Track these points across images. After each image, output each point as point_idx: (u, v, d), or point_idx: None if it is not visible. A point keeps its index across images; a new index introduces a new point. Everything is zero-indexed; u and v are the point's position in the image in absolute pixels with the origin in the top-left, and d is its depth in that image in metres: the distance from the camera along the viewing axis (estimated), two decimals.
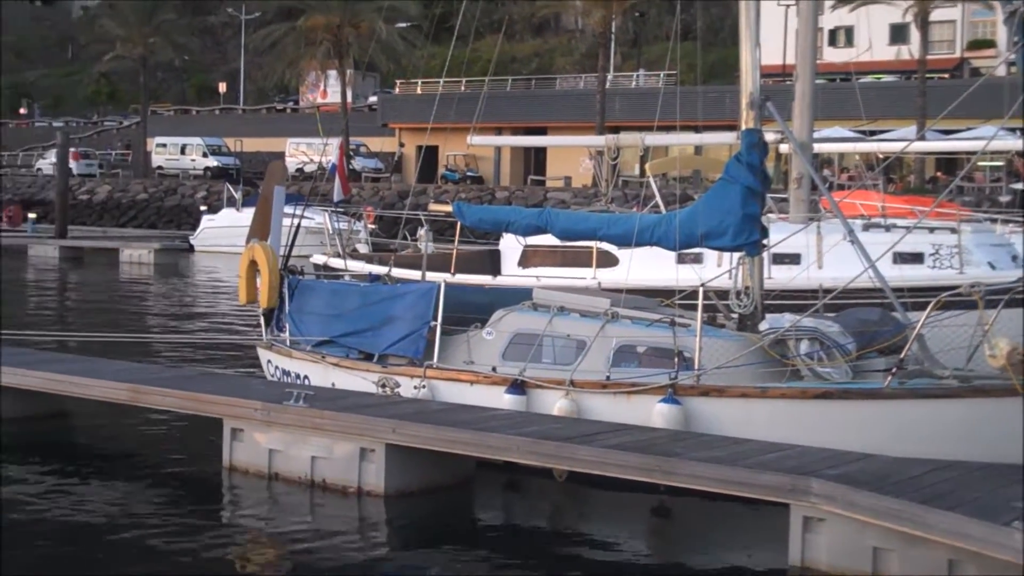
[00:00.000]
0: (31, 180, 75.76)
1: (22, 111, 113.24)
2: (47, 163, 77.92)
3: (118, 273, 42.47)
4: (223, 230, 47.45)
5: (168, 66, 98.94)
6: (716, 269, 16.66)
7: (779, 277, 18.01)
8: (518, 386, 12.77)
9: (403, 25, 69.18)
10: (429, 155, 61.88)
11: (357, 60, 70.07)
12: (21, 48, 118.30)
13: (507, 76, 75.34)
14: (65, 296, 35.42)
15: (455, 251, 23.94)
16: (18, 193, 70.91)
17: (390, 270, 18.43)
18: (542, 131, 62.45)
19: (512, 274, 23.51)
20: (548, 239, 16.51)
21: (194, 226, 56.13)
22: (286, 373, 15.01)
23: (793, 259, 19.83)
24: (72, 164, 74.79)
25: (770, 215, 20.41)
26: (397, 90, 77.98)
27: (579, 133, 55.50)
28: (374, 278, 16.90)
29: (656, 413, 11.99)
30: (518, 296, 14.35)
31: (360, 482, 11.58)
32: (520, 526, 11.60)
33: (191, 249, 50.84)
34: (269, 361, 15.60)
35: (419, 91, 73.01)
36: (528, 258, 23.85)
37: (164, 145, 79.06)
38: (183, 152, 77.54)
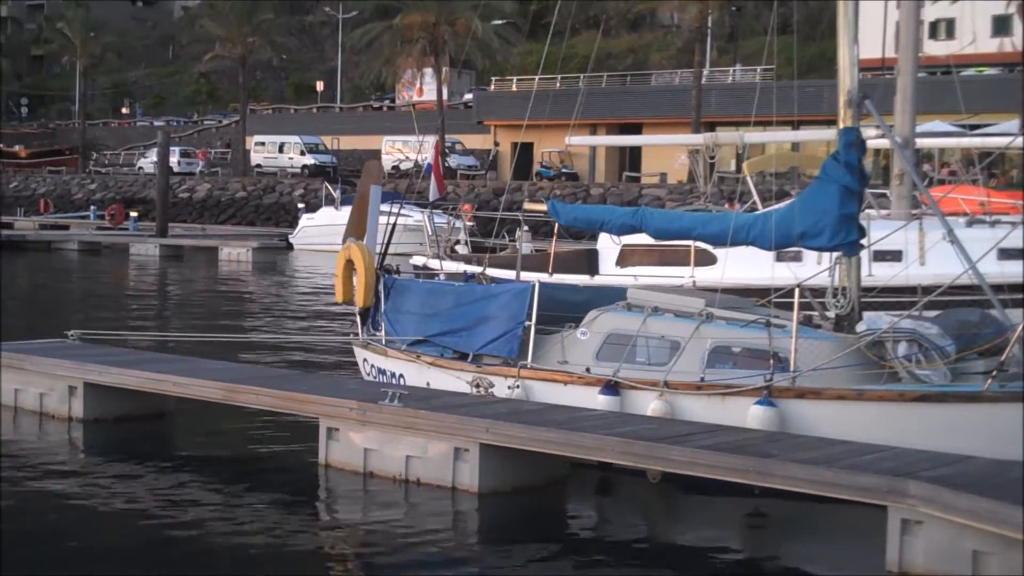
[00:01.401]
0: (133, 179, 77.02)
1: (124, 111, 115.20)
2: (148, 162, 79.23)
3: (217, 271, 43.05)
4: (322, 228, 47.91)
5: (267, 65, 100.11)
6: (816, 267, 16.46)
7: (880, 274, 17.74)
8: (612, 387, 12.72)
9: (499, 22, 69.32)
10: (524, 152, 62.02)
11: (453, 58, 70.31)
12: (123, 48, 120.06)
13: (602, 72, 75.15)
14: (165, 294, 35.95)
15: (552, 251, 23.92)
16: (120, 192, 72.12)
17: (484, 269, 18.46)
18: (637, 127, 62.27)
19: (610, 273, 23.45)
20: (645, 238, 16.43)
21: (292, 224, 56.72)
22: (381, 372, 15.11)
23: (895, 256, 19.53)
24: (200, 163, 76.12)
25: (870, 211, 20.15)
26: (492, 87, 78.13)
27: (674, 129, 55.26)
28: (469, 277, 16.95)
29: (751, 415, 11.88)
30: (612, 296, 14.31)
31: (454, 481, 11.61)
32: (613, 527, 11.55)
33: (290, 247, 51.39)
34: (365, 360, 15.71)
35: (514, 88, 73.12)
36: (625, 257, 23.78)
37: (263, 143, 79.97)
38: (281, 150, 78.39)
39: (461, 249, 29.34)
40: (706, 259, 21.63)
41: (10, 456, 13.18)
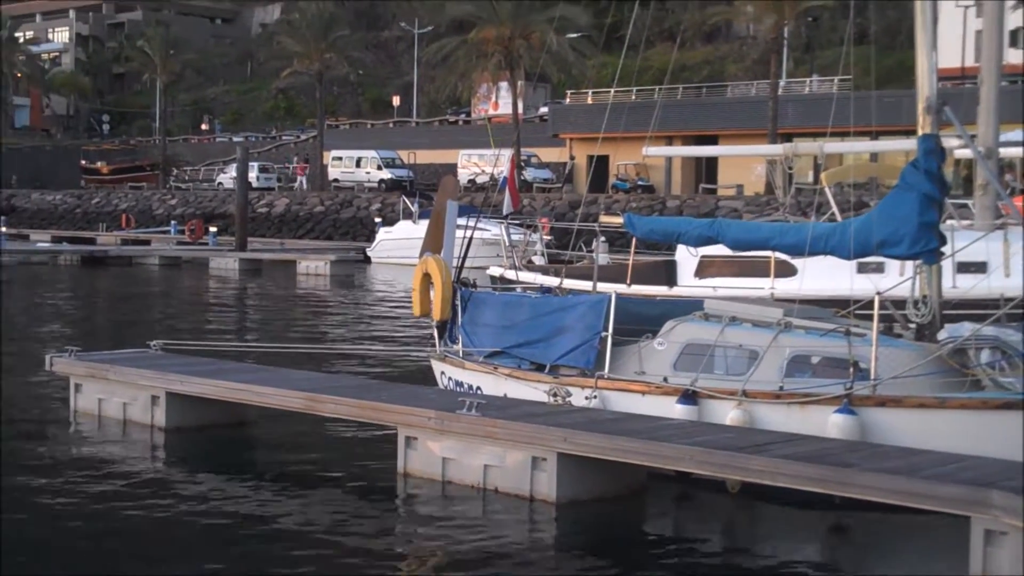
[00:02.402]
0: (212, 194, 77.88)
1: (203, 127, 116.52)
2: (227, 177, 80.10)
3: (295, 284, 43.40)
4: (399, 242, 48.19)
5: (343, 81, 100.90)
6: (897, 278, 16.30)
7: (964, 286, 17.52)
8: (690, 396, 12.68)
9: (574, 35, 69.34)
10: (599, 165, 61.98)
11: (528, 71, 70.49)
12: (202, 65, 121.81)
13: (678, 84, 74.97)
14: (244, 307, 36.30)
15: (631, 262, 23.88)
16: (200, 207, 72.97)
17: (561, 282, 18.48)
18: (713, 139, 62.03)
19: (688, 284, 23.36)
20: (724, 249, 16.37)
21: (369, 238, 57.09)
22: (459, 384, 15.16)
23: (979, 268, 19.27)
24: (299, 178, 76.86)
25: (951, 222, 19.91)
26: (568, 100, 78.17)
27: (751, 140, 55.01)
28: (546, 290, 16.98)
29: (831, 424, 11.79)
30: (689, 308, 14.26)
31: (532, 490, 11.62)
32: (691, 538, 11.50)
33: (367, 260, 51.70)
34: (442, 372, 15.77)
35: (589, 101, 73.09)
36: (704, 268, 23.69)
37: (340, 158, 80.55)
38: (358, 165, 78.92)
39: (537, 261, 29.34)
40: (786, 270, 21.49)
41: (93, 464, 13.39)
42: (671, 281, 24.05)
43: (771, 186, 48.95)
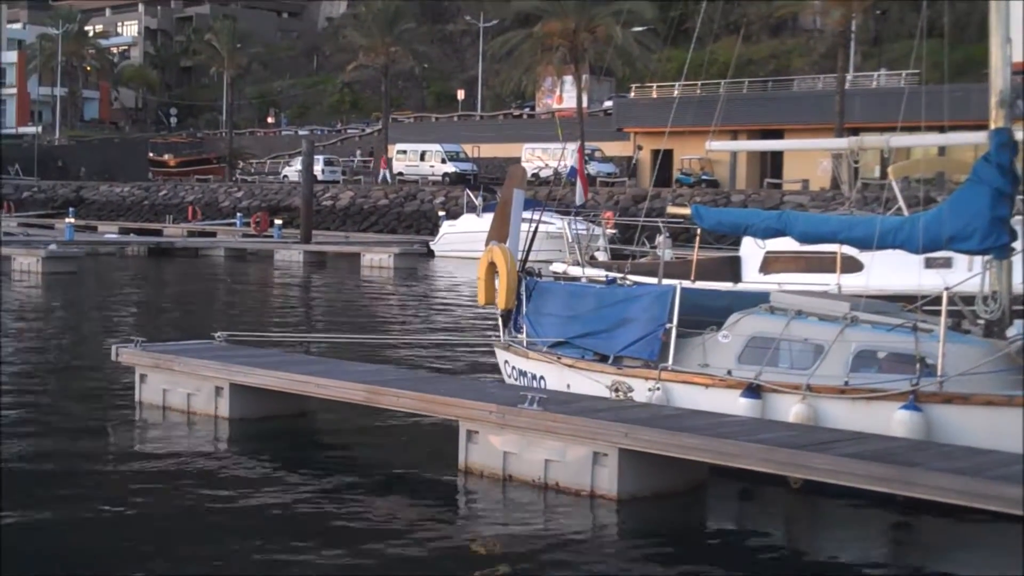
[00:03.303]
0: (278, 187, 78.38)
1: (270, 120, 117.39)
2: (293, 170, 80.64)
3: (359, 277, 43.58)
4: (463, 235, 48.26)
5: (408, 74, 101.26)
6: (965, 273, 16.06)
7: None
8: (754, 390, 12.58)
9: (639, 29, 69.13)
10: (664, 159, 61.71)
11: (593, 65, 70.36)
12: (269, 59, 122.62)
13: (744, 78, 74.51)
14: (308, 299, 36.50)
15: (695, 257, 23.74)
16: (265, 200, 73.47)
17: (625, 277, 18.39)
18: (779, 134, 61.59)
19: (753, 280, 23.18)
20: (789, 244, 16.23)
21: (432, 231, 57.25)
22: (522, 373, 15.15)
23: None
24: (382, 171, 77.29)
25: (1019, 217, 19.59)
26: (632, 94, 77.93)
27: (817, 135, 54.47)
28: (611, 280, 16.93)
29: (896, 420, 11.65)
30: (754, 300, 14.15)
31: (593, 486, 11.56)
32: (752, 535, 11.39)
33: (430, 254, 51.81)
34: (506, 361, 15.77)
35: (654, 95, 72.82)
36: (769, 264, 23.49)
37: (404, 152, 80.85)
38: (422, 158, 79.16)
39: (600, 256, 29.23)
40: (852, 266, 21.26)
41: (157, 454, 13.50)
42: (736, 277, 23.89)
43: (836, 181, 48.56)
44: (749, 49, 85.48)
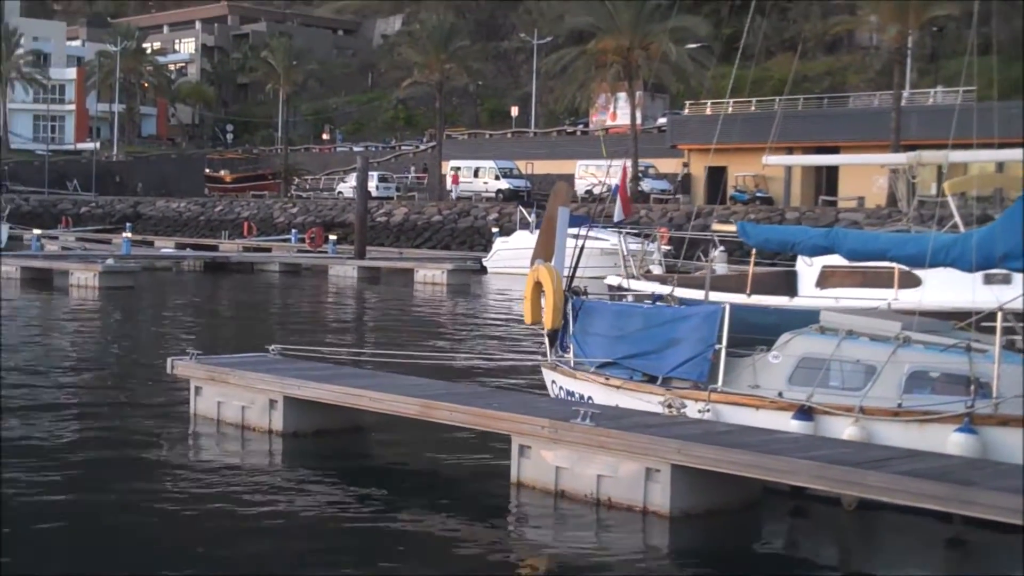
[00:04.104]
0: (332, 203, 78.77)
1: (325, 136, 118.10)
2: (347, 186, 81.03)
3: (412, 292, 43.72)
4: (516, 252, 48.27)
5: (462, 91, 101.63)
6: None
7: None
8: (805, 412, 12.51)
9: (693, 46, 69.02)
10: (716, 175, 61.55)
11: (646, 81, 70.28)
12: (324, 76, 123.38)
13: (798, 95, 74.20)
14: (362, 314, 36.67)
15: (751, 272, 23.67)
16: (320, 216, 73.86)
17: (672, 290, 18.35)
18: (834, 150, 61.19)
19: (809, 295, 23.07)
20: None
21: (486, 248, 57.32)
22: (570, 394, 15.09)
23: None
24: (452, 187, 77.53)
25: None
26: (686, 111, 77.80)
27: (872, 152, 54.15)
28: (657, 298, 16.86)
29: (951, 443, 11.53)
30: (805, 319, 14.05)
31: (645, 502, 11.55)
32: (806, 554, 11.35)
33: (483, 270, 51.89)
34: (553, 381, 15.72)
35: (708, 111, 72.66)
36: (826, 279, 23.38)
37: (458, 168, 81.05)
38: (476, 175, 79.35)
39: (655, 270, 29.22)
40: (910, 281, 21.11)
41: (212, 466, 13.61)
42: (792, 291, 23.78)
43: (893, 198, 48.23)
44: (804, 66, 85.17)
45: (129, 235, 60.78)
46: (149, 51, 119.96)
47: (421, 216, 70.70)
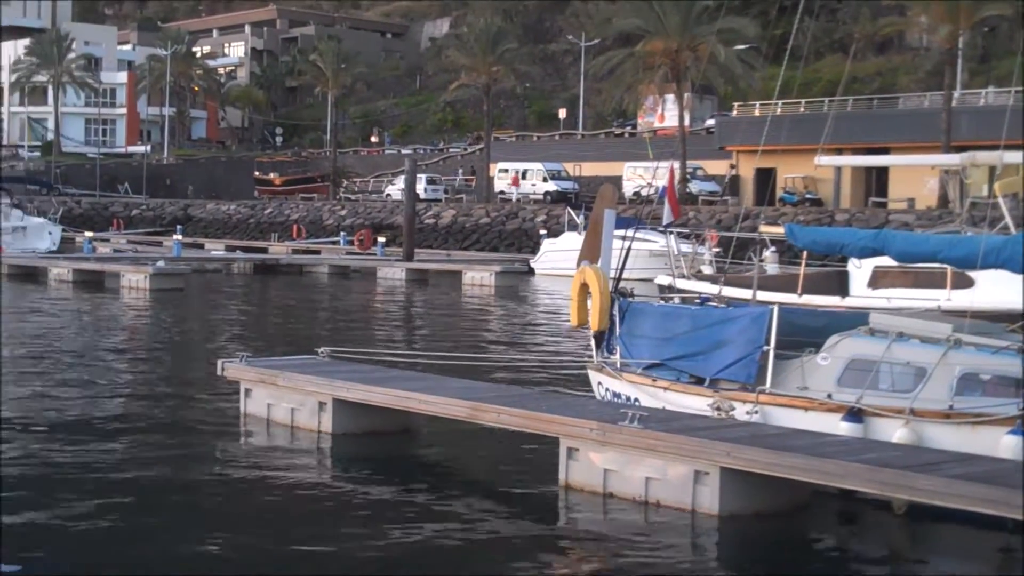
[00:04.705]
0: (381, 205, 79.03)
1: (373, 139, 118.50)
2: (396, 189, 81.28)
3: (460, 294, 43.79)
4: (564, 254, 48.20)
5: (510, 93, 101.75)
6: None
7: None
8: (855, 414, 12.43)
9: (741, 47, 68.75)
10: (765, 177, 61.25)
11: (694, 83, 70.08)
12: (372, 79, 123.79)
13: (848, 96, 73.77)
14: (410, 316, 36.77)
15: (802, 272, 23.56)
16: (369, 218, 74.13)
17: (720, 290, 18.28)
18: (884, 151, 60.84)
19: (861, 295, 22.94)
20: None
21: (534, 249, 57.34)
22: (616, 395, 15.06)
23: None
24: (512, 189, 77.57)
25: None
26: (735, 112, 77.52)
27: (922, 153, 53.75)
28: (704, 299, 16.81)
29: (1003, 446, 11.42)
30: (853, 321, 13.96)
31: (694, 504, 11.53)
32: (855, 557, 11.28)
33: (531, 272, 51.91)
34: (599, 383, 15.69)
35: (757, 113, 72.36)
36: (877, 279, 23.23)
37: (506, 170, 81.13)
38: (524, 177, 79.37)
39: (706, 270, 29.15)
40: (963, 282, 20.93)
41: (262, 468, 13.70)
42: (843, 292, 23.64)
43: (944, 199, 47.84)
44: (854, 67, 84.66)
45: (180, 237, 61.27)
46: (199, 55, 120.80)
47: (469, 218, 70.82)
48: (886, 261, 18.59)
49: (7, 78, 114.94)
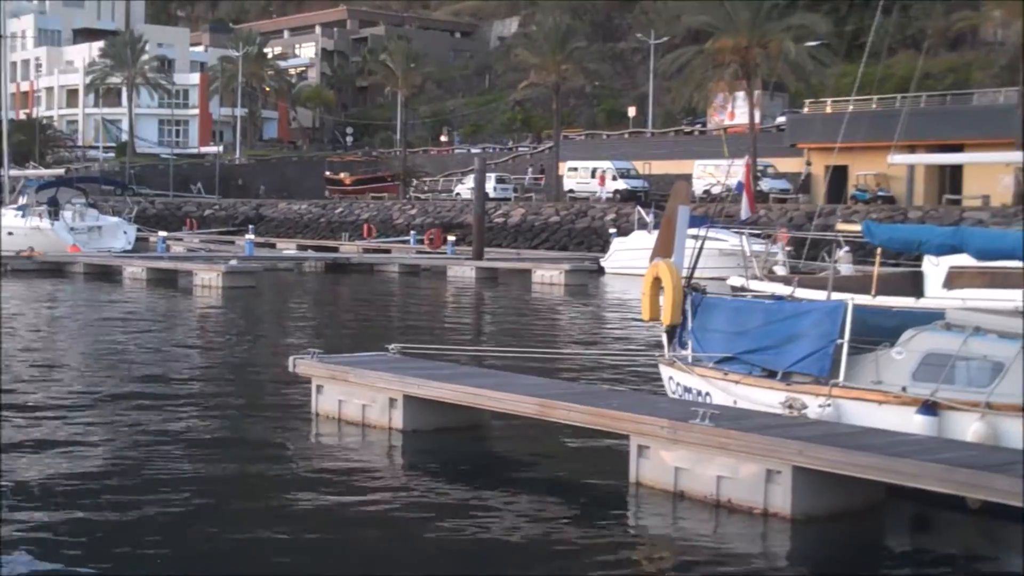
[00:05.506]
0: (450, 204, 79.22)
1: (443, 138, 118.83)
2: (465, 188, 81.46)
3: (530, 293, 43.79)
4: (634, 252, 48.10)
5: (579, 92, 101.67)
6: None
7: None
8: (930, 407, 12.28)
9: (813, 44, 68.22)
10: (837, 175, 60.68)
11: (765, 80, 69.63)
12: (442, 78, 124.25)
13: (921, 92, 72.92)
14: (480, 314, 36.82)
15: (875, 272, 23.32)
16: (438, 217, 74.34)
17: (793, 291, 18.11)
18: (958, 148, 60.03)
19: (936, 296, 22.66)
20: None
21: (603, 248, 57.23)
22: (687, 390, 15.02)
23: None
24: (597, 189, 77.54)
25: None
26: (806, 109, 76.89)
27: (997, 150, 53.02)
28: (777, 298, 16.70)
29: None
30: (927, 319, 13.81)
31: (766, 503, 11.44)
32: (931, 558, 11.13)
33: (601, 271, 51.80)
34: (670, 378, 15.66)
35: (828, 110, 71.70)
36: (953, 279, 22.92)
37: (575, 169, 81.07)
38: (593, 175, 79.25)
39: (779, 271, 28.91)
40: None
41: (333, 465, 13.77)
42: (918, 292, 23.36)
43: (1021, 196, 47.18)
44: (927, 63, 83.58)
45: (252, 237, 61.86)
46: (270, 56, 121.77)
47: (538, 217, 70.80)
48: (962, 260, 18.34)
49: (82, 80, 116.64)
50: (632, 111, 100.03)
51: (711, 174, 69.99)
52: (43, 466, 13.14)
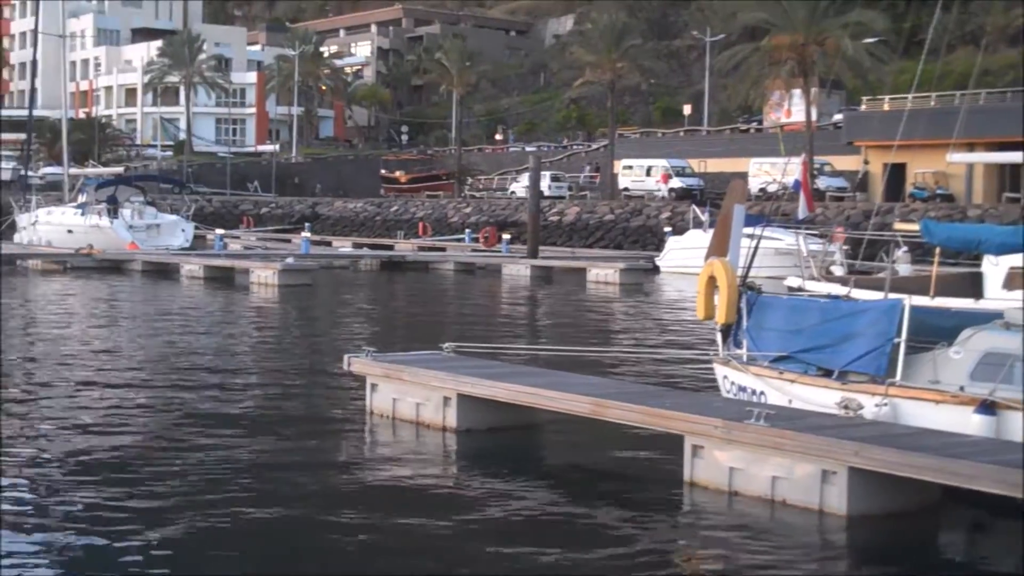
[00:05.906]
0: (505, 203, 79.24)
1: (498, 137, 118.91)
2: (520, 186, 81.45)
3: (585, 291, 43.74)
4: (689, 251, 47.88)
5: (634, 90, 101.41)
6: None
7: None
8: (988, 407, 12.16)
9: (870, 40, 67.65)
10: (895, 173, 60.17)
11: (822, 77, 69.09)
12: (496, 77, 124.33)
13: (980, 89, 72.15)
14: (534, 312, 36.82)
15: (934, 273, 23.09)
16: (493, 215, 74.38)
17: (849, 292, 17.97)
18: (1018, 146, 59.38)
19: (995, 297, 22.42)
20: None
21: (658, 247, 57.03)
22: (742, 389, 14.95)
23: None
24: (659, 186, 77.30)
25: None
26: (863, 107, 76.26)
27: None
28: (833, 297, 16.60)
29: None
30: (984, 320, 13.67)
31: (821, 504, 11.38)
32: (987, 561, 11.04)
33: (656, 269, 51.65)
34: (725, 377, 15.59)
35: (886, 108, 71.11)
36: (1013, 280, 22.67)
37: (630, 167, 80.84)
38: (648, 174, 79.05)
39: (836, 271, 28.69)
40: None
41: (388, 463, 13.84)
42: (977, 293, 23.11)
43: None
44: (986, 59, 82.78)
45: (308, 235, 62.12)
46: (326, 55, 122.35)
47: (593, 215, 70.67)
48: (1022, 260, 18.13)
49: (140, 79, 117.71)
50: (687, 109, 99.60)
51: (767, 172, 69.54)
52: (111, 446, 13.29)
